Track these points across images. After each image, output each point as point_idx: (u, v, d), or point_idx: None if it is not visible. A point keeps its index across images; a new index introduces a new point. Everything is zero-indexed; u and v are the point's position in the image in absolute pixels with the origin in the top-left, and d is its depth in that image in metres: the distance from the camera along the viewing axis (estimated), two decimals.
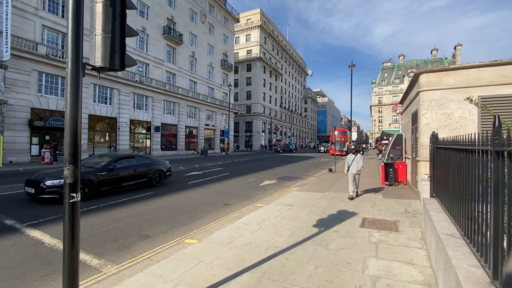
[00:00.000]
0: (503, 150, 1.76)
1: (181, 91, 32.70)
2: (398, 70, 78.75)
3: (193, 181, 11.79)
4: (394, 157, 11.09)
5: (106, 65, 2.17)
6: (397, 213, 6.39)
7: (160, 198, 8.32)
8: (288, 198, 8.24)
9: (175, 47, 33.01)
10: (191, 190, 9.82)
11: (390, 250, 4.15)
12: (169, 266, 3.69)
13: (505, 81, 6.83)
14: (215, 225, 5.75)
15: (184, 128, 33.57)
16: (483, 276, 2.01)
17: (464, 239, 2.70)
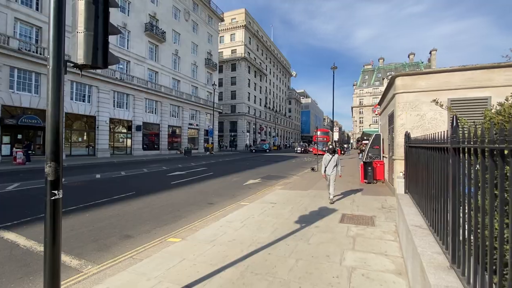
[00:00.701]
0: (459, 146, 1.98)
1: (164, 89, 32.09)
2: (378, 73, 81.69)
3: (176, 181, 11.67)
4: (373, 156, 11.59)
5: (89, 63, 2.18)
6: (374, 209, 6.72)
7: (141, 198, 8.19)
8: (272, 197, 8.39)
9: (158, 45, 32.34)
10: (174, 190, 9.73)
11: (366, 243, 4.39)
12: (152, 264, 3.70)
13: (472, 85, 7.38)
14: (198, 223, 5.77)
15: (167, 128, 32.97)
16: (444, 261, 2.23)
17: (430, 229, 2.95)
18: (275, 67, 76.87)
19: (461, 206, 2.05)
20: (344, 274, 3.34)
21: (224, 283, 3.17)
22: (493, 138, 1.41)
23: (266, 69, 67.66)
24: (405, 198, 4.68)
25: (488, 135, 1.49)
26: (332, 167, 7.54)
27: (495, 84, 7.09)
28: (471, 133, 1.73)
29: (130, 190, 9.28)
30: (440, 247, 2.46)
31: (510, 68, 7.07)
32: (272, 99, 72.87)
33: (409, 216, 3.58)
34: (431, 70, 7.96)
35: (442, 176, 2.49)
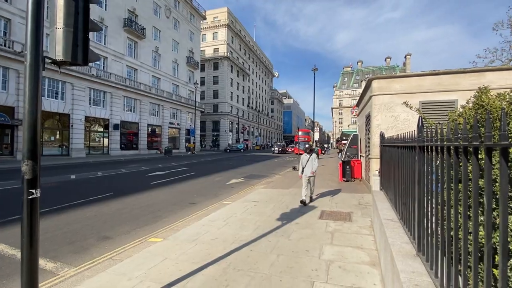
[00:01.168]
0: (424, 145, 2.18)
1: (143, 87, 31.20)
2: (357, 75, 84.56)
3: (156, 181, 11.43)
4: (351, 155, 12.05)
5: (68, 60, 2.15)
6: (351, 206, 7.03)
7: (120, 199, 7.96)
8: (254, 195, 8.49)
9: (137, 41, 31.37)
10: (154, 190, 9.54)
11: (344, 237, 4.61)
12: (133, 264, 3.65)
13: (441, 88, 7.92)
14: (180, 223, 5.74)
15: (146, 127, 32.07)
16: (411, 249, 2.43)
17: (400, 222, 3.18)
18: (258, 67, 77.19)
19: (428, 200, 2.26)
20: (323, 267, 3.51)
21: (207, 280, 3.21)
22: (449, 137, 1.59)
23: (249, 69, 67.75)
24: (380, 194, 4.96)
25: (447, 134, 1.67)
26: (310, 167, 7.25)
27: (462, 88, 7.67)
28: (433, 133, 1.92)
29: (108, 191, 8.98)
30: (408, 238, 2.67)
31: (474, 73, 7.67)
32: (255, 99, 73.11)
33: (382, 211, 3.81)
34: (405, 74, 8.45)
35: (410, 173, 2.71)
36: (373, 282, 3.12)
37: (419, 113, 3.76)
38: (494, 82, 7.38)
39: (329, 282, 3.13)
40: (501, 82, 7.37)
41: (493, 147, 1.13)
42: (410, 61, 72.16)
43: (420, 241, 2.28)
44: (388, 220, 3.32)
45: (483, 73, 7.63)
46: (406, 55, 72.73)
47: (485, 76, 7.56)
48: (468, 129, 1.36)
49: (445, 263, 1.73)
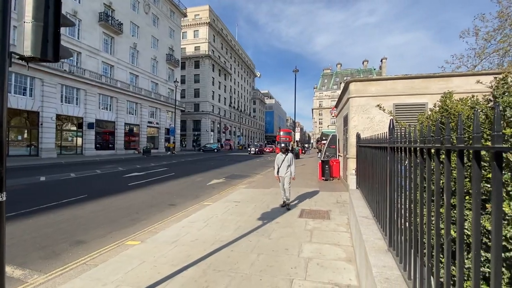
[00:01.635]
0: (394, 146, 2.31)
1: (120, 84, 30.03)
2: (336, 77, 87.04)
3: (134, 182, 11.07)
4: (330, 155, 12.40)
5: (37, 56, 2.04)
6: (330, 204, 7.24)
7: (96, 201, 7.63)
8: (236, 195, 8.49)
9: (114, 37, 30.12)
10: (132, 191, 9.24)
11: (322, 235, 4.75)
12: (108, 269, 3.53)
13: (413, 92, 8.38)
14: (159, 225, 5.61)
15: (123, 126, 30.88)
16: (384, 245, 2.57)
17: (374, 219, 3.34)
18: (240, 66, 77.03)
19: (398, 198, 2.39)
20: (302, 265, 3.60)
21: (186, 282, 3.18)
22: (416, 139, 1.70)
23: (230, 68, 67.42)
24: (356, 193, 5.16)
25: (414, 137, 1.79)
26: (286, 167, 6.87)
27: (431, 92, 8.16)
28: (402, 135, 2.05)
29: (82, 193, 8.57)
30: (381, 234, 2.82)
31: (443, 78, 8.20)
32: (237, 98, 72.89)
33: (358, 208, 3.98)
34: (380, 77, 8.85)
35: (383, 172, 2.85)
36: (349, 278, 3.25)
37: (391, 115, 3.96)
38: (460, 87, 7.94)
39: (307, 279, 3.21)
40: (466, 87, 7.93)
41: (451, 149, 1.24)
42: (386, 64, 75.49)
43: (391, 237, 2.41)
44: (363, 218, 3.47)
45: (450, 78, 8.18)
46: (382, 59, 75.98)
47: (452, 81, 8.11)
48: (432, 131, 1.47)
49: (412, 257, 1.86)
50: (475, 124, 0.99)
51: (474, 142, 0.98)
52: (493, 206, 0.89)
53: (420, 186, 1.65)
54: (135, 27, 33.62)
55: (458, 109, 2.69)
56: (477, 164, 0.99)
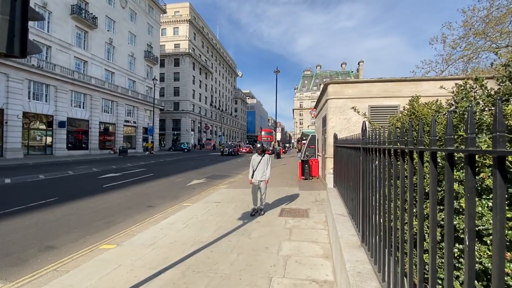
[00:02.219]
0: (366, 146, 2.44)
1: (95, 81, 28.66)
2: (316, 79, 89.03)
3: (109, 183, 10.64)
4: (309, 154, 12.69)
5: (3, 51, 1.92)
6: (309, 202, 7.43)
7: (67, 204, 7.25)
8: (216, 196, 8.44)
9: (88, 31, 28.67)
10: (107, 193, 8.88)
11: (301, 233, 4.87)
12: (81, 275, 3.39)
13: (387, 94, 8.80)
14: (137, 228, 5.46)
15: (98, 124, 29.50)
16: (357, 241, 2.70)
17: (349, 216, 3.49)
18: (221, 65, 76.42)
19: (371, 196, 2.53)
20: (281, 263, 3.67)
21: (164, 285, 3.14)
22: (385, 140, 1.82)
23: (212, 67, 66.70)
24: (333, 191, 5.35)
25: (383, 138, 1.91)
26: (262, 171, 6.13)
27: (403, 95, 8.61)
28: (373, 136, 2.17)
29: (52, 196, 8.10)
30: (355, 230, 2.96)
31: (414, 82, 8.70)
32: (218, 97, 72.25)
33: (334, 206, 4.13)
34: (356, 80, 9.21)
35: (357, 171, 3.00)
36: (326, 273, 3.37)
37: (365, 117, 4.15)
38: (428, 91, 8.46)
39: (286, 277, 3.29)
40: (434, 91, 8.46)
41: (413, 150, 1.35)
42: (363, 67, 78.35)
43: (363, 233, 2.54)
44: (339, 215, 3.61)
45: (420, 82, 8.69)
46: (359, 62, 78.77)
47: (422, 85, 8.62)
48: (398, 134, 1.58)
49: (382, 251, 1.98)
50: (432, 128, 1.09)
51: (431, 145, 1.08)
52: (445, 201, 0.99)
53: (388, 185, 1.77)
54: (110, 21, 32.22)
55: (424, 112, 2.89)
56: (434, 165, 1.09)
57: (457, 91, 2.43)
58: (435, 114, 2.74)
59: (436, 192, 1.11)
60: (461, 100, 2.38)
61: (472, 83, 2.33)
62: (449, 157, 0.98)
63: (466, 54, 14.15)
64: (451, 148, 0.95)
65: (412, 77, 9.15)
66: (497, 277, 0.75)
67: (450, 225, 0.98)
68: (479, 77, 2.22)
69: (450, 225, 0.98)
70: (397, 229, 1.67)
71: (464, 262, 0.88)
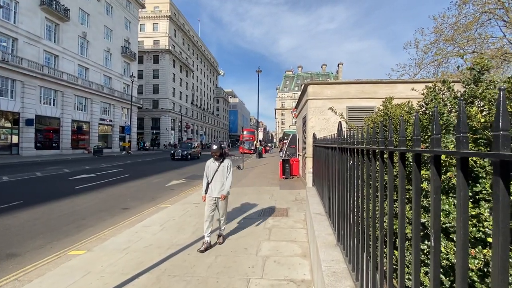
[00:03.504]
0: (341, 146, 2.47)
1: (67, 77, 27.08)
2: (297, 79, 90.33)
3: (82, 185, 10.08)
4: (290, 154, 12.83)
5: None
6: (289, 202, 7.48)
7: (33, 208, 6.76)
8: (196, 197, 8.26)
9: (59, 24, 27.03)
10: (79, 195, 8.40)
11: (280, 232, 4.88)
12: (45, 284, 3.15)
13: (364, 95, 9.07)
14: (109, 232, 5.20)
15: (70, 123, 27.92)
16: (333, 240, 2.72)
17: (326, 215, 3.53)
18: (203, 64, 75.27)
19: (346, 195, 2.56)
20: (259, 263, 3.64)
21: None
22: (358, 140, 1.84)
23: (193, 65, 65.49)
24: (312, 190, 5.41)
25: (356, 138, 1.93)
26: (220, 183, 4.35)
27: (379, 96, 8.91)
28: (348, 136, 2.19)
29: (16, 199, 7.53)
30: (332, 229, 2.99)
31: (389, 84, 9.04)
32: (199, 96, 71.10)
33: (312, 205, 4.17)
34: (335, 81, 9.41)
35: (333, 170, 3.03)
36: (303, 273, 3.39)
37: (341, 117, 4.22)
38: (402, 92, 8.83)
39: (264, 278, 3.27)
40: (407, 93, 8.84)
41: (384, 150, 1.36)
42: (342, 69, 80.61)
43: (339, 232, 2.57)
44: (316, 214, 3.65)
45: (395, 84, 9.05)
46: (339, 64, 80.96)
47: (397, 87, 8.98)
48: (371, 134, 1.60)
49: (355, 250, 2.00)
50: (401, 128, 1.10)
51: (400, 145, 1.09)
52: (413, 197, 1.00)
53: (361, 184, 1.79)
54: (84, 14, 30.60)
55: (397, 113, 2.99)
56: (402, 164, 1.10)
57: (427, 93, 2.52)
58: (404, 115, 2.84)
59: (404, 191, 1.11)
60: (431, 102, 2.47)
61: (441, 85, 2.43)
62: (416, 157, 0.98)
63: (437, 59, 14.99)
64: (417, 149, 0.95)
65: (388, 79, 9.52)
66: (461, 272, 0.75)
67: (417, 223, 0.99)
68: (446, 80, 2.31)
69: (417, 223, 0.99)
70: (369, 227, 1.69)
71: (430, 260, 0.89)
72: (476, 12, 13.30)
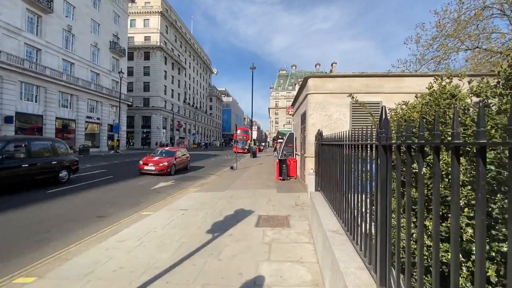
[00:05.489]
0: (387, 144, 1.64)
1: (50, 72, 25.59)
2: (291, 78, 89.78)
3: (56, 188, 9.02)
4: (287, 154, 12.02)
5: None
6: (288, 207, 6.66)
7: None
8: (184, 201, 7.37)
9: (42, 15, 25.51)
10: (50, 201, 7.39)
11: (282, 249, 4.03)
12: None
13: (368, 90, 8.31)
14: (75, 248, 4.27)
15: (54, 120, 26.44)
16: (370, 280, 1.88)
17: (347, 235, 2.70)
18: (195, 61, 73.82)
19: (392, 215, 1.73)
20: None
21: None
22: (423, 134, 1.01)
23: (185, 63, 64.05)
24: (318, 197, 4.59)
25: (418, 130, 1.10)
26: None
27: (385, 91, 8.19)
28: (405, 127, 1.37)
29: None
30: (361, 259, 2.16)
31: (395, 78, 8.31)
32: (192, 94, 69.68)
33: (324, 218, 3.35)
34: (337, 74, 8.64)
35: (349, 175, 2.21)
36: None
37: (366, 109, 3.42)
38: (410, 87, 8.12)
39: None
40: (415, 87, 8.15)
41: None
42: (335, 69, 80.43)
43: (383, 270, 1.74)
44: (333, 232, 2.81)
45: (402, 78, 8.32)
46: (333, 63, 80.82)
47: (404, 81, 8.25)
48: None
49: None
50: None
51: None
52: None
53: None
54: (70, 6, 29.06)
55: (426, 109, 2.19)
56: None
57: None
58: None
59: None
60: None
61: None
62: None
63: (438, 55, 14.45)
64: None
65: (394, 72, 8.80)
66: None
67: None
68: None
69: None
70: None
71: None
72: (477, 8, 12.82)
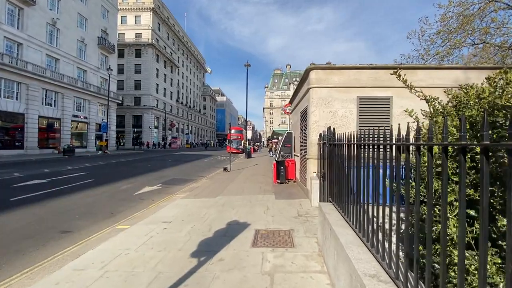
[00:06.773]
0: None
1: (32, 68, 24.15)
2: (286, 78, 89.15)
3: (23, 195, 7.88)
4: (285, 154, 11.09)
5: None
6: (290, 218, 5.72)
7: None
8: (168, 211, 6.36)
9: (23, 8, 24.07)
10: (8, 211, 6.28)
11: (288, 284, 3.08)
12: None
13: (377, 84, 7.45)
14: (17, 281, 3.25)
15: (36, 119, 25.01)
16: None
17: (395, 283, 1.76)
18: (189, 60, 72.40)
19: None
20: None
21: None
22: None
23: (178, 61, 62.63)
24: (332, 211, 3.65)
25: None
26: None
27: (395, 85, 7.26)
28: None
29: None
30: None
31: (408, 70, 7.40)
32: (185, 93, 68.27)
33: (348, 247, 2.42)
34: (343, 65, 7.71)
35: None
36: None
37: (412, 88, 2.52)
38: (424, 81, 7.30)
39: None
40: (429, 81, 7.34)
41: None
42: None
43: None
44: (372, 279, 1.87)
45: (414, 71, 7.49)
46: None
47: (417, 74, 7.42)
48: None
49: None
50: None
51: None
52: None
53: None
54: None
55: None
56: None
57: None
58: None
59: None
60: None
61: None
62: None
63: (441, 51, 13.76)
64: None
65: (406, 64, 7.95)
66: None
67: None
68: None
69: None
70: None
71: None
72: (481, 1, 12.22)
